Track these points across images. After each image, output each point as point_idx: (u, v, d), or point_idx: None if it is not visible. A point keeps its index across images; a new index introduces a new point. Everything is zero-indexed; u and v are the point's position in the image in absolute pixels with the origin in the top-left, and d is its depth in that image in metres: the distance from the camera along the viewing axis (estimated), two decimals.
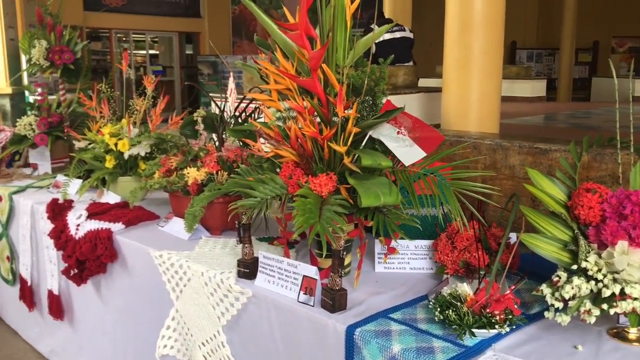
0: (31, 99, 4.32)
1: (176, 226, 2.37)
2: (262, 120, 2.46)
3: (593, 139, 1.75)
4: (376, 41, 1.82)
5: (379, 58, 1.86)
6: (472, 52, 4.00)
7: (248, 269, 1.88)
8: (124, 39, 15.19)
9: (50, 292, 2.83)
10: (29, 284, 3.04)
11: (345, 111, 1.68)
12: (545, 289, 1.49)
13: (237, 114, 2.68)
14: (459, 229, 1.79)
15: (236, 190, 1.89)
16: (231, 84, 2.67)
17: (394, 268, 1.95)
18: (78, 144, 3.07)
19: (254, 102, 2.68)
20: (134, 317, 2.39)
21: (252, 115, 2.72)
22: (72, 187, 2.89)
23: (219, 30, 16.06)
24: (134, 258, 2.34)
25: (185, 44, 16.40)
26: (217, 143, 2.59)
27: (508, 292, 1.51)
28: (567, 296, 1.43)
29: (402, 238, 1.83)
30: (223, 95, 2.68)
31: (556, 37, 16.18)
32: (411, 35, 5.78)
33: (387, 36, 5.42)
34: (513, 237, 1.83)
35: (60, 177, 3.08)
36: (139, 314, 2.36)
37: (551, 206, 1.62)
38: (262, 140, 1.88)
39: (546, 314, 1.49)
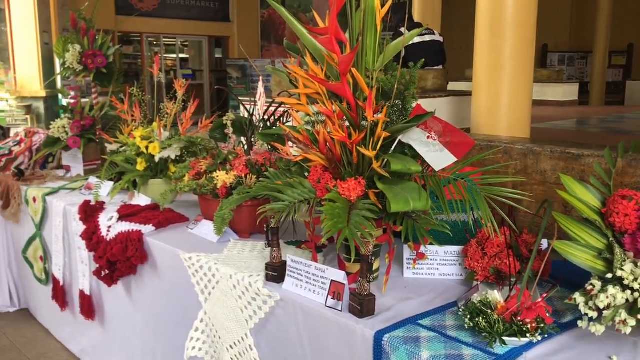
0: (64, 102, 4.41)
1: (205, 229, 2.39)
2: (290, 124, 2.47)
3: (629, 144, 1.71)
4: (405, 45, 1.81)
5: (408, 62, 1.85)
6: (502, 57, 3.95)
7: (276, 272, 1.89)
8: (154, 42, 15.42)
9: (81, 293, 2.88)
10: (61, 284, 3.09)
11: (375, 115, 1.67)
12: (578, 298, 1.45)
13: (266, 117, 2.69)
14: (490, 235, 1.77)
15: (265, 193, 1.89)
16: (260, 88, 2.69)
17: (423, 274, 1.93)
18: (110, 147, 3.12)
19: (283, 106, 2.68)
20: (163, 318, 2.42)
21: (281, 119, 2.73)
22: (104, 189, 2.94)
23: (248, 34, 16.19)
24: (163, 260, 2.36)
25: (215, 48, 16.57)
26: (246, 147, 2.61)
27: (540, 300, 1.48)
28: (601, 305, 1.39)
29: (431, 244, 1.81)
30: (252, 99, 2.70)
31: (589, 40, 15.89)
32: (441, 39, 5.74)
33: (417, 40, 5.39)
34: (544, 243, 1.80)
35: (93, 179, 3.13)
36: (168, 315, 2.38)
37: (585, 213, 1.59)
38: (290, 144, 1.89)
39: (579, 323, 1.46)
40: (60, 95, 8.81)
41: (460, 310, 1.58)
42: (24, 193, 3.34)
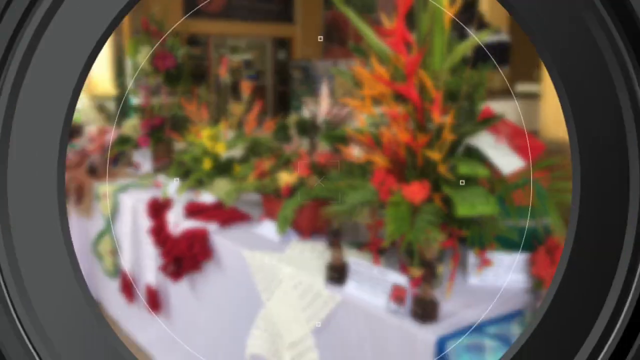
0: (135, 101, 4.56)
1: (268, 228, 2.41)
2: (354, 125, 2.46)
3: None
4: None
5: (476, 62, 1.81)
6: None
7: (337, 274, 1.88)
8: (220, 44, 15.77)
9: (148, 287, 2.97)
10: (129, 277, 3.20)
11: (442, 118, 1.64)
12: None
13: (329, 119, 2.69)
14: (560, 243, 1.70)
15: (327, 195, 1.89)
16: (324, 89, 2.69)
17: (488, 280, 1.88)
18: (178, 146, 3.20)
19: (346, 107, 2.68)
20: (226, 315, 2.46)
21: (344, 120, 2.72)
22: (172, 186, 3.02)
23: (310, 35, 16.31)
24: (227, 257, 2.40)
25: (278, 49, 16.79)
26: (309, 148, 2.61)
27: None
28: None
29: (497, 250, 1.76)
30: (315, 100, 2.70)
31: None
32: (507, 39, 5.60)
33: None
34: None
35: (161, 177, 3.22)
36: (231, 312, 2.42)
37: None
38: (353, 145, 1.88)
39: None
40: (131, 95, 9.14)
41: (527, 319, 1.53)
42: (95, 189, 3.48)
